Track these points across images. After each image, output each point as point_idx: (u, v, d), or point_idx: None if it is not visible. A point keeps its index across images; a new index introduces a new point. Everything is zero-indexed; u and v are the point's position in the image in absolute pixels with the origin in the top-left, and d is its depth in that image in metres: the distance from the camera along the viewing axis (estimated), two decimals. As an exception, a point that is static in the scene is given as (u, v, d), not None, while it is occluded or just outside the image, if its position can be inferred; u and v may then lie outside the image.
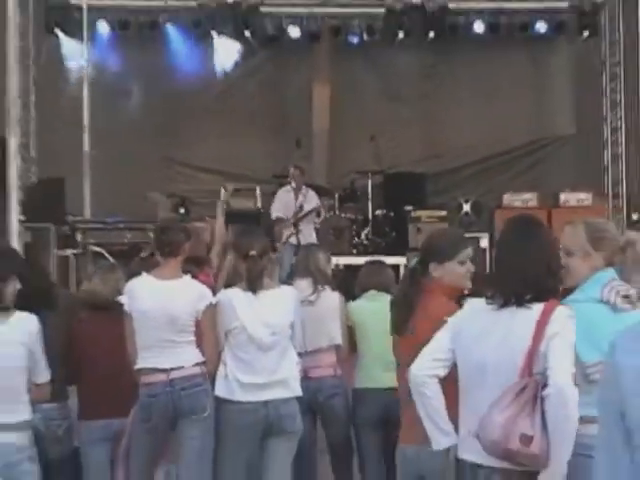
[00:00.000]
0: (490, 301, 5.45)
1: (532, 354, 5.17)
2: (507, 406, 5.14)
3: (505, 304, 5.38)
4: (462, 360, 5.50)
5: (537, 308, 5.30)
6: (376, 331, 8.96)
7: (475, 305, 5.61)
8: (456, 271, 6.51)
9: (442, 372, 5.60)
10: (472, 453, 5.34)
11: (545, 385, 5.13)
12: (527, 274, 5.40)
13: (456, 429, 5.58)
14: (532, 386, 5.13)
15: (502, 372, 5.24)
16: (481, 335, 5.42)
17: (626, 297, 6.12)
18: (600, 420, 2.38)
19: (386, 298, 9.05)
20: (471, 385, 5.44)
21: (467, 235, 15.51)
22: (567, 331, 5.30)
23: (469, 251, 6.61)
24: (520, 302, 5.34)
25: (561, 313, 5.31)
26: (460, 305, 6.46)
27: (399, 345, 6.65)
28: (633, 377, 2.20)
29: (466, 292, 7.42)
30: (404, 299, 6.54)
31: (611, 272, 6.22)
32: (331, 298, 9.24)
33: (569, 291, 6.37)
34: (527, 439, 5.06)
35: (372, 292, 9.30)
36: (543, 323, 5.21)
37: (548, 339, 5.17)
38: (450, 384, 5.62)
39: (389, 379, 8.23)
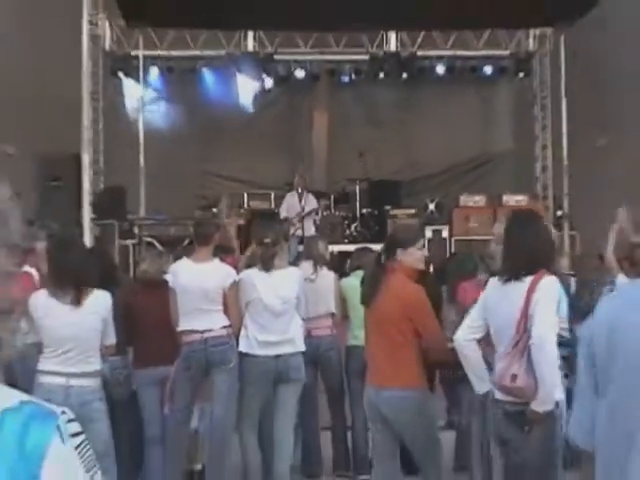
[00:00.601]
0: (500, 278, 5.70)
1: (523, 315, 5.39)
2: (505, 355, 5.46)
3: (508, 280, 5.60)
4: (489, 325, 5.74)
5: (528, 280, 5.48)
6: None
7: (494, 282, 5.79)
8: (415, 255, 6.67)
9: (478, 335, 5.86)
10: (496, 393, 5.67)
11: None
12: (523, 255, 5.59)
13: None
14: (524, 339, 5.37)
15: (508, 332, 5.47)
16: (496, 305, 5.66)
17: None
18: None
19: None
20: (495, 343, 5.69)
21: (432, 228, 15.70)
22: (549, 295, 5.46)
23: (423, 240, 6.85)
24: (517, 277, 5.53)
25: (545, 282, 5.48)
26: (418, 283, 6.67)
27: (367, 314, 6.81)
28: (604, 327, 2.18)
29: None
30: (372, 278, 6.68)
31: None
32: (328, 276, 9.34)
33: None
34: (514, 377, 5.37)
35: (359, 272, 9.35)
36: (531, 291, 5.42)
37: (534, 303, 5.38)
38: None
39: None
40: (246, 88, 19.85)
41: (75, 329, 6.82)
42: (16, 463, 1.27)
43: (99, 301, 6.99)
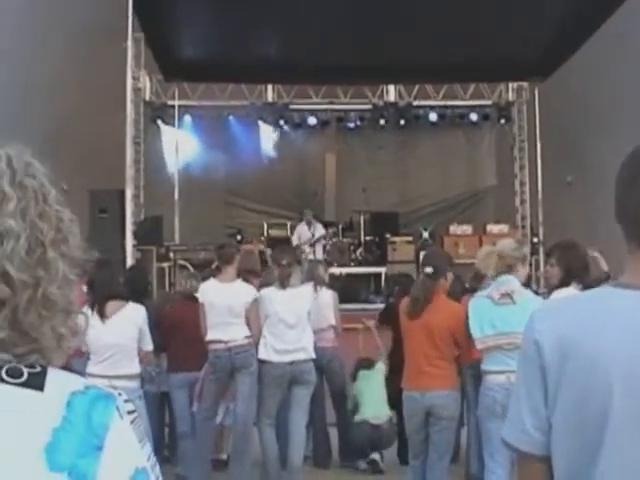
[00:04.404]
0: None
1: None
2: None
3: None
4: None
5: None
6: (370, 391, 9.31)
7: None
8: (449, 278, 6.76)
9: None
10: None
11: None
12: None
13: None
14: None
15: None
16: None
17: (506, 294, 6.21)
18: (520, 377, 2.04)
19: None
20: None
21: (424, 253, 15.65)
22: None
23: None
24: None
25: None
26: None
27: (413, 328, 6.67)
28: (550, 343, 1.92)
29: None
30: (424, 297, 6.62)
31: (505, 277, 6.33)
32: (327, 295, 9.39)
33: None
34: None
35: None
36: None
37: None
38: None
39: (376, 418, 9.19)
40: (266, 133, 20.00)
41: (114, 338, 6.91)
42: (84, 435, 1.38)
43: (134, 312, 7.10)
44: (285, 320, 8.04)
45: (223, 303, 8.03)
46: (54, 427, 1.37)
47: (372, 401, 9.19)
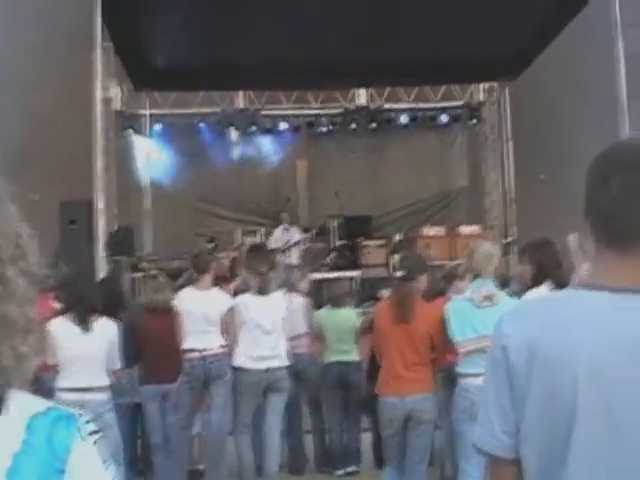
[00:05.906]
0: None
1: None
2: None
3: None
4: None
5: None
6: (334, 329, 9.20)
7: None
8: (425, 280, 6.74)
9: None
10: None
11: None
12: None
13: None
14: None
15: None
16: None
17: (487, 297, 6.22)
18: (489, 381, 2.02)
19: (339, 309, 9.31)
20: None
21: (397, 256, 15.67)
22: None
23: None
24: None
25: None
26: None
27: (395, 332, 6.62)
28: (517, 347, 1.92)
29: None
30: (405, 300, 6.61)
31: (484, 281, 6.33)
32: (298, 302, 9.32)
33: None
34: None
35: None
36: None
37: None
38: None
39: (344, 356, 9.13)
40: (237, 139, 19.98)
41: (85, 350, 6.91)
42: (46, 458, 1.36)
43: (107, 326, 7.13)
44: (262, 326, 8.03)
45: (200, 311, 8.05)
46: (14, 452, 1.35)
47: (340, 343, 9.16)
